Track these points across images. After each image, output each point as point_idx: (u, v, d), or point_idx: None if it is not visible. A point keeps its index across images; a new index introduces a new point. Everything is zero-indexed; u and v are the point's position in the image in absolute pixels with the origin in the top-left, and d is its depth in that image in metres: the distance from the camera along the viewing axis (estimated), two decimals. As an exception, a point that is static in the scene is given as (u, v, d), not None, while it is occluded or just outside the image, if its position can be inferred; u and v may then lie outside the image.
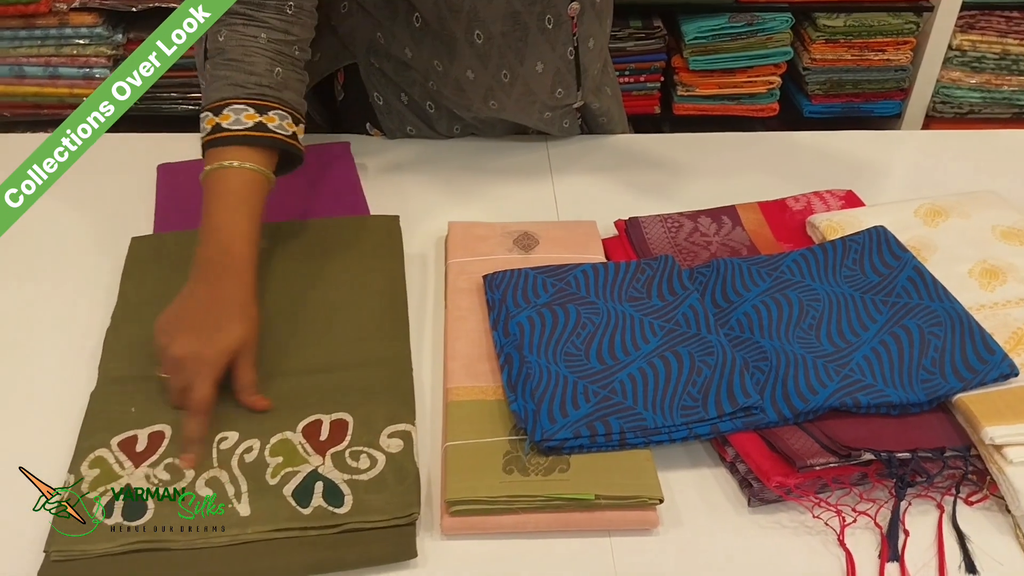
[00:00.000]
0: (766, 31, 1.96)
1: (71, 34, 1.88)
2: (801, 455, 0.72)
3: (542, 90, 1.08)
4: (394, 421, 0.77)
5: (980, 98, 2.07)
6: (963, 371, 0.78)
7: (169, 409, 0.77)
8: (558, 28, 1.02)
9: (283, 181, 1.08)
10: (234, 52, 0.88)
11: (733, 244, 1.00)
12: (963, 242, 0.96)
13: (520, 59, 1.03)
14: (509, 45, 1.02)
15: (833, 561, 0.71)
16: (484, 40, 1.01)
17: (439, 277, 0.97)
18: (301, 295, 0.89)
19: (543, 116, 1.13)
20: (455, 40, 1.02)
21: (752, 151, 1.23)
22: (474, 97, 1.09)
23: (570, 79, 1.09)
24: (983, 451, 0.74)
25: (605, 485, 0.72)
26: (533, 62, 1.04)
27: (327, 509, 0.70)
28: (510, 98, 1.08)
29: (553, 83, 1.08)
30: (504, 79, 1.05)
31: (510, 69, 1.04)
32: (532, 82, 1.06)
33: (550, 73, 1.06)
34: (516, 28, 1.01)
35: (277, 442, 0.75)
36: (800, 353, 0.81)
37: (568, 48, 1.05)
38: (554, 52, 1.04)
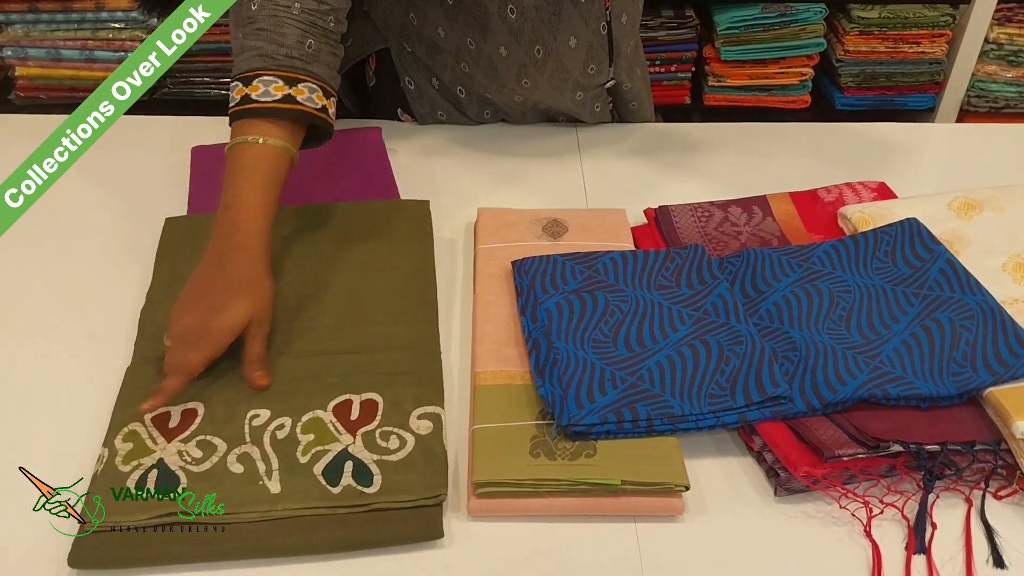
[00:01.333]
0: (799, 22, 1.94)
1: (107, 18, 1.91)
2: (829, 445, 0.72)
3: (575, 66, 1.07)
4: (423, 403, 0.77)
5: (1016, 92, 2.04)
6: (995, 365, 0.78)
7: (202, 387, 0.78)
8: (591, 2, 1.03)
9: (315, 165, 1.09)
10: (265, 22, 0.87)
11: (763, 234, 1.00)
12: (997, 236, 0.95)
13: (553, 33, 1.03)
14: (542, 19, 1.02)
15: (859, 552, 0.71)
16: (517, 15, 1.01)
17: (468, 262, 0.98)
18: (332, 277, 0.90)
19: (575, 97, 1.13)
20: (488, 16, 1.02)
21: (784, 141, 1.23)
22: (507, 76, 1.09)
23: (603, 54, 1.08)
24: (1013, 445, 0.74)
25: (632, 471, 0.72)
26: (566, 36, 1.04)
27: (356, 488, 0.71)
28: (543, 75, 1.08)
29: (586, 59, 1.07)
30: (537, 55, 1.05)
31: (543, 44, 1.04)
32: (565, 58, 1.06)
33: (583, 48, 1.06)
34: (549, 2, 1.01)
35: (308, 420, 0.76)
36: (830, 344, 0.81)
37: (601, 23, 1.05)
38: (587, 27, 1.04)
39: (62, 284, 0.95)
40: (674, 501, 0.73)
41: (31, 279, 0.95)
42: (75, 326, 0.90)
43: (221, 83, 2.02)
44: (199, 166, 1.10)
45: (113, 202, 1.06)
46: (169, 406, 0.77)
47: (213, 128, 1.17)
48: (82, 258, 0.98)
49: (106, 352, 0.85)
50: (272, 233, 0.85)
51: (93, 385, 0.82)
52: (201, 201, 1.05)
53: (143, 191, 1.08)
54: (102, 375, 0.82)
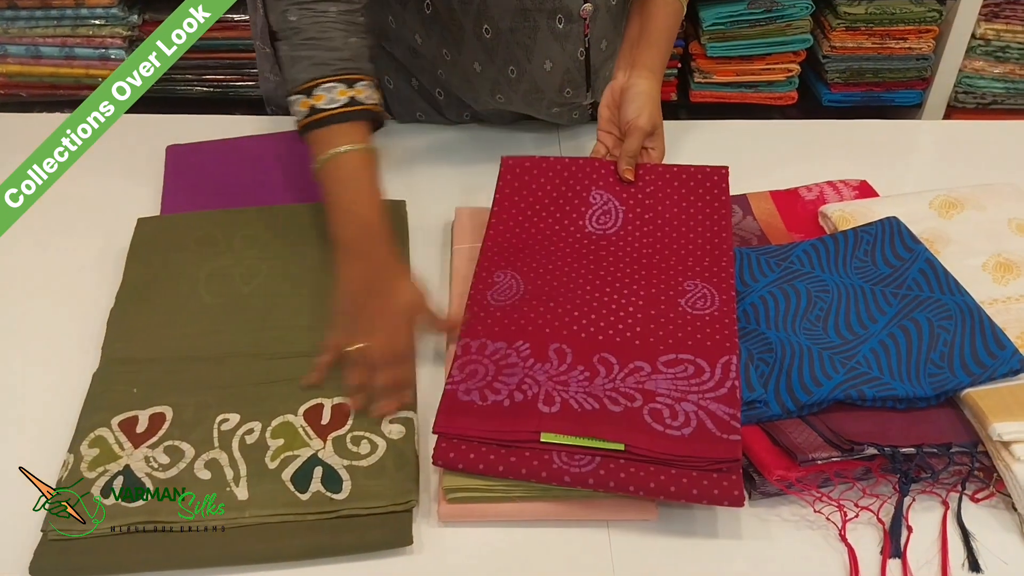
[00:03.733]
0: (785, 18, 1.93)
1: (87, 15, 1.88)
2: (803, 449, 0.72)
3: (550, 88, 1.07)
4: (395, 407, 0.77)
5: (1003, 88, 2.03)
6: (972, 366, 0.77)
7: (171, 391, 0.77)
8: (569, 28, 1.01)
9: (291, 165, 1.08)
10: (310, 31, 0.88)
11: (743, 234, 0.99)
12: (978, 235, 0.95)
13: (528, 56, 1.02)
14: (517, 41, 1.01)
15: (835, 556, 0.71)
16: (492, 35, 1.01)
17: (445, 263, 0.97)
18: (306, 279, 0.89)
19: (551, 111, 1.12)
20: (463, 31, 1.02)
21: (768, 139, 1.22)
22: (481, 90, 1.08)
23: (579, 79, 1.07)
24: (990, 447, 0.73)
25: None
26: (541, 60, 1.03)
27: (325, 495, 0.70)
28: (516, 93, 1.07)
29: (562, 82, 1.07)
30: (511, 75, 1.05)
31: (517, 65, 1.04)
32: (540, 80, 1.05)
33: (559, 72, 1.05)
34: (525, 25, 1.00)
35: (278, 425, 0.75)
36: (806, 344, 0.80)
37: (579, 49, 1.04)
38: (564, 52, 1.03)
39: (31, 285, 0.93)
40: (647, 506, 0.72)
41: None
42: (43, 328, 0.88)
43: (204, 80, 2.01)
44: (174, 165, 1.09)
45: (84, 201, 1.04)
46: (136, 410, 0.76)
47: (188, 126, 1.16)
48: (51, 258, 0.97)
49: (74, 355, 0.84)
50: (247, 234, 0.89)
51: (61, 388, 0.81)
52: (175, 201, 1.03)
53: (115, 190, 1.06)
54: (70, 378, 0.81)
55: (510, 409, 0.74)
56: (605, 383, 0.76)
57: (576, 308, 0.84)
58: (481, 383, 0.77)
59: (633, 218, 0.93)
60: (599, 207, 0.94)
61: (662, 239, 0.91)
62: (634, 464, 0.71)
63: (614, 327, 0.82)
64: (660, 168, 0.98)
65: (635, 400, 0.74)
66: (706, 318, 0.82)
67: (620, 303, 0.84)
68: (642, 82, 1.01)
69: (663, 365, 0.78)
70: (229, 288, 0.88)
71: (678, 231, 0.91)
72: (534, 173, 0.97)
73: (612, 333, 0.81)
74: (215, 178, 1.07)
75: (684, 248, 0.90)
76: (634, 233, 0.92)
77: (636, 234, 0.91)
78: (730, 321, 0.81)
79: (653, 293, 0.85)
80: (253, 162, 1.10)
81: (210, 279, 0.89)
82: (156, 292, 0.88)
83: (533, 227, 0.93)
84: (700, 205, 0.93)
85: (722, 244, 0.89)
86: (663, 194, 0.95)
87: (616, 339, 0.80)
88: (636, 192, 0.95)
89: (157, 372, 0.79)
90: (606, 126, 1.03)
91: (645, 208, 0.94)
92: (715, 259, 0.88)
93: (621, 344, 0.80)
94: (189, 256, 0.92)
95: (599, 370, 0.78)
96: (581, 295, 0.85)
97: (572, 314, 0.83)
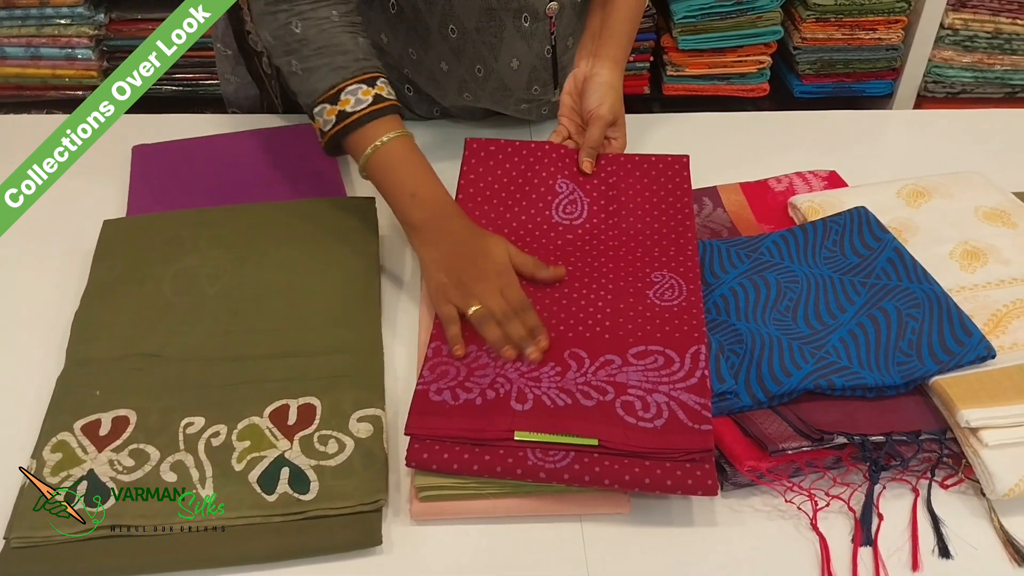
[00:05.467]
0: (756, 10, 1.93)
1: (52, 14, 1.85)
2: (774, 439, 0.72)
3: (517, 86, 1.06)
4: (364, 405, 0.76)
5: (972, 77, 2.05)
6: (940, 353, 0.77)
7: (135, 394, 0.76)
8: (535, 26, 1.01)
9: (259, 163, 1.07)
10: (319, 39, 0.89)
11: (714, 226, 0.99)
12: (945, 223, 0.95)
13: (495, 55, 1.02)
14: (484, 41, 1.01)
15: (807, 545, 0.71)
16: (458, 34, 1.00)
17: (415, 260, 0.96)
18: (272, 278, 0.88)
19: (519, 108, 1.12)
20: (429, 31, 1.01)
21: (738, 131, 1.22)
22: (448, 88, 1.07)
23: (547, 76, 1.07)
24: (959, 434, 0.73)
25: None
26: (508, 58, 1.03)
27: (292, 496, 0.69)
28: (484, 92, 1.07)
29: (529, 80, 1.06)
30: (478, 74, 1.04)
31: (484, 64, 1.03)
32: (507, 78, 1.05)
33: (526, 70, 1.05)
34: (491, 24, 0.99)
35: (245, 427, 0.74)
36: (776, 335, 0.80)
37: (545, 46, 1.03)
38: (530, 50, 1.03)
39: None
40: (619, 498, 0.72)
41: (-38, 285, 0.92)
42: (7, 331, 0.87)
43: (173, 79, 1.98)
44: (140, 166, 1.07)
45: (49, 203, 1.01)
46: (99, 412, 0.74)
47: (155, 125, 1.15)
48: (16, 260, 0.95)
49: (39, 357, 0.83)
50: (214, 234, 0.90)
51: (25, 392, 0.80)
52: (141, 201, 1.02)
53: (81, 191, 1.04)
54: (34, 381, 0.80)
55: (482, 407, 0.74)
56: (577, 377, 0.76)
57: (546, 305, 0.83)
58: (452, 383, 0.76)
59: (598, 210, 0.93)
60: (565, 197, 0.94)
61: (627, 231, 0.91)
62: (608, 457, 0.70)
63: (583, 322, 0.81)
64: (622, 158, 0.98)
65: (607, 393, 0.74)
66: (674, 309, 0.82)
67: (589, 298, 0.84)
68: (604, 72, 1.01)
69: (633, 357, 0.77)
70: (195, 288, 0.87)
71: (643, 221, 0.91)
72: (499, 158, 0.97)
73: (582, 329, 0.81)
74: (182, 178, 1.06)
75: (650, 239, 0.90)
76: (600, 226, 0.91)
77: (602, 226, 0.91)
78: (697, 311, 0.81)
79: (621, 286, 0.85)
80: (220, 161, 1.09)
81: (176, 279, 0.88)
82: (121, 293, 0.86)
83: (499, 217, 0.93)
84: (663, 194, 0.94)
85: (686, 232, 0.90)
86: (626, 184, 0.95)
87: (586, 334, 0.80)
88: (599, 183, 0.95)
89: (120, 374, 0.78)
90: (568, 113, 1.04)
91: (609, 199, 0.94)
92: (680, 248, 0.88)
93: (591, 339, 0.80)
94: (155, 257, 0.90)
95: (570, 364, 0.77)
96: (551, 291, 0.85)
97: (542, 314, 0.82)
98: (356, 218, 0.96)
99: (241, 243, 0.92)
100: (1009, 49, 2.01)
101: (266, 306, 0.85)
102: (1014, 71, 2.04)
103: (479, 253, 0.84)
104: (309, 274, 0.89)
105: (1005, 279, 0.87)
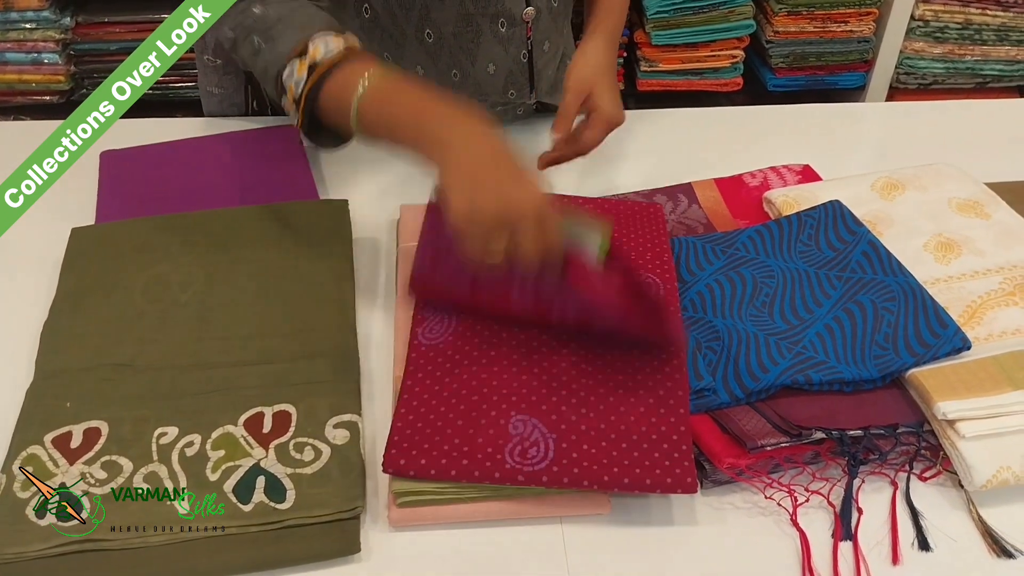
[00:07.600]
0: (728, 4, 1.94)
1: (16, 18, 1.83)
2: (752, 436, 0.71)
3: (493, 91, 1.06)
4: (340, 412, 0.75)
5: (943, 68, 2.07)
6: (916, 346, 0.78)
7: (106, 404, 0.75)
8: (512, 31, 1.00)
9: (229, 165, 1.06)
10: (281, 10, 0.84)
11: (689, 222, 0.99)
12: (919, 215, 0.95)
13: (471, 60, 1.01)
14: (460, 46, 1.00)
15: (788, 541, 0.71)
16: (435, 39, 0.99)
17: (390, 262, 0.95)
18: (245, 284, 0.87)
19: (495, 110, 1.11)
20: (405, 36, 1.00)
21: (712, 126, 1.22)
22: None
23: (523, 81, 1.07)
24: (936, 426, 0.74)
25: None
26: (485, 63, 1.02)
27: (269, 505, 0.68)
28: (460, 96, 1.06)
29: (505, 84, 1.06)
30: (454, 78, 1.03)
31: (460, 69, 1.02)
32: (483, 83, 1.04)
33: (502, 75, 1.04)
34: (468, 29, 0.99)
35: (219, 436, 0.73)
36: (752, 331, 0.80)
37: (522, 51, 1.03)
38: (507, 55, 1.02)
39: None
40: (599, 499, 0.71)
41: (-73, 297, 0.90)
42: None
43: (144, 83, 1.96)
44: (108, 172, 1.06)
45: (16, 212, 1.01)
46: (70, 425, 0.73)
47: (125, 130, 1.12)
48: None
49: (7, 369, 0.81)
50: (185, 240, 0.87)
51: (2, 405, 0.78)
52: (110, 209, 1.00)
53: (48, 198, 1.02)
54: (2, 394, 0.78)
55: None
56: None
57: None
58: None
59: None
60: None
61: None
62: (587, 458, 0.70)
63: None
64: (599, 200, 0.97)
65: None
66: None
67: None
68: (584, 45, 0.99)
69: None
70: (166, 296, 0.85)
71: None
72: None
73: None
74: (151, 183, 1.05)
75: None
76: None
77: None
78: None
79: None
80: (190, 165, 1.08)
81: (147, 287, 0.86)
82: (91, 302, 0.85)
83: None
84: (641, 231, 0.92)
85: (664, 274, 0.87)
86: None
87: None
88: None
89: (92, 384, 0.77)
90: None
91: None
92: (662, 279, 0.86)
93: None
94: (126, 264, 0.89)
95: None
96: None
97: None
98: (329, 221, 0.95)
99: (213, 249, 0.91)
100: (979, 40, 2.03)
101: (239, 312, 0.84)
102: (984, 61, 2.06)
103: (505, 157, 0.73)
104: (282, 279, 0.88)
105: (980, 270, 0.88)
